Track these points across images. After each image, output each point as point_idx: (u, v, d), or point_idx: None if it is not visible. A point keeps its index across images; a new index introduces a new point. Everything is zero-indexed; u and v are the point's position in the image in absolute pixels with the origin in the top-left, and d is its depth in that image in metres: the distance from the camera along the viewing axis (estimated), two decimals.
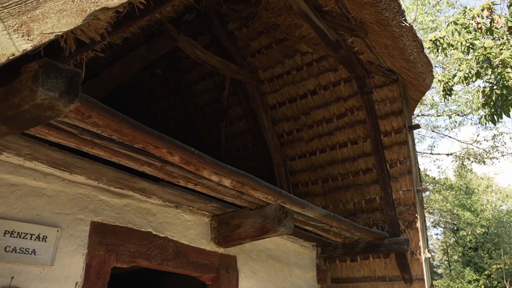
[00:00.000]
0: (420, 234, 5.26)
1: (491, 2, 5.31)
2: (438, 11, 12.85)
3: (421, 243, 5.24)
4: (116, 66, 3.98)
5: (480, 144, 14.56)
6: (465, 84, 6.07)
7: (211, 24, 6.15)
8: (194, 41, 5.35)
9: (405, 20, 3.84)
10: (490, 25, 5.31)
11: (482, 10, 5.33)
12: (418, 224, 5.37)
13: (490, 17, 5.33)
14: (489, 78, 5.68)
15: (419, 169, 5.59)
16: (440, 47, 6.47)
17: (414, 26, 4.09)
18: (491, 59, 5.22)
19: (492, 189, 19.66)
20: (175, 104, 7.51)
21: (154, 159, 2.77)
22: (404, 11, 3.82)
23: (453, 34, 6.38)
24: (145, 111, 7.90)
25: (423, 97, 6.62)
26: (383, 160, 5.53)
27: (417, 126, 5.35)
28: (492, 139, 14.21)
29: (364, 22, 4.13)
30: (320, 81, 5.91)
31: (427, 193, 16.51)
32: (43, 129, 2.20)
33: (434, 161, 30.27)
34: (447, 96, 6.66)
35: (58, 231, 2.81)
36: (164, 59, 7.13)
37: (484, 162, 14.38)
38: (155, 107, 7.79)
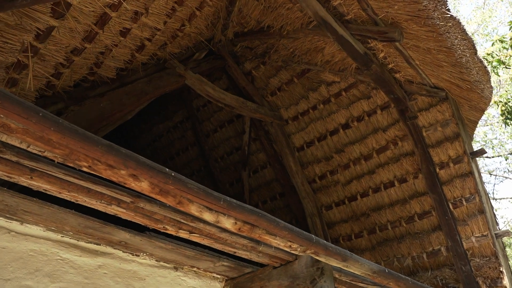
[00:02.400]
0: None
1: None
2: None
3: None
4: (104, 99, 3.42)
5: None
6: None
7: (225, 65, 5.67)
8: (204, 78, 4.80)
9: (449, 10, 3.05)
10: None
11: None
12: (506, 282, 4.00)
13: None
14: None
15: (492, 206, 4.36)
16: (490, 65, 5.53)
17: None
18: None
19: None
20: (195, 156, 6.87)
21: (121, 192, 1.96)
22: (447, 0, 3.04)
23: (500, 51, 5.48)
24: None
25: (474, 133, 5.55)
26: (444, 199, 4.38)
27: (482, 152, 4.24)
28: None
29: (397, 22, 3.38)
30: (351, 112, 5.07)
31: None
32: None
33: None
34: (508, 121, 5.55)
35: None
36: (181, 110, 6.68)
37: None
38: (174, 162, 7.17)
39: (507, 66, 5.79)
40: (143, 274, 2.74)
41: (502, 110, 5.58)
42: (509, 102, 5.54)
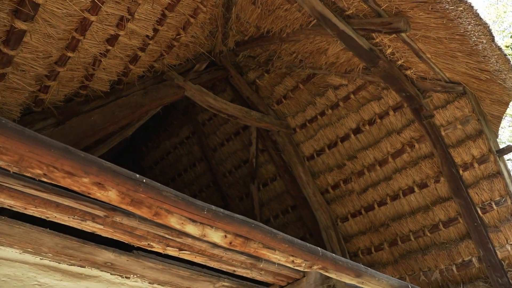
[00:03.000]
0: None
1: None
2: None
3: None
4: (95, 112, 3.25)
5: None
6: None
7: (228, 75, 5.49)
8: (205, 89, 4.62)
9: None
10: None
11: None
12: None
13: None
14: None
15: None
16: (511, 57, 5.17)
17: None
18: None
19: None
20: (203, 172, 6.64)
21: (92, 205, 1.73)
22: None
23: None
24: (173, 186, 7.09)
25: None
26: (471, 204, 3.97)
27: (510, 149, 3.85)
28: None
29: (402, 11, 3.12)
30: (362, 116, 4.77)
31: None
32: None
33: None
34: None
35: None
36: (187, 124, 6.51)
37: None
38: (183, 178, 6.97)
39: None
40: None
41: None
42: None
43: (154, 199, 1.58)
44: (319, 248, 2.16)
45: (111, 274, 2.41)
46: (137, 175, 1.55)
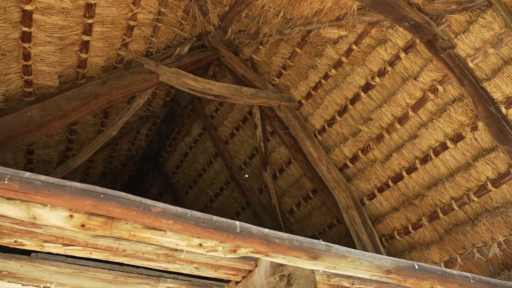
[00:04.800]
0: None
1: None
2: None
3: None
4: (35, 107, 2.93)
5: None
6: None
7: (219, 56, 4.96)
8: (182, 70, 4.14)
9: None
10: None
11: None
12: None
13: None
14: None
15: None
16: None
17: None
18: None
19: None
20: (220, 168, 6.17)
21: None
22: None
23: None
24: (196, 189, 6.72)
25: None
26: None
27: None
28: None
29: None
30: (370, 68, 3.92)
31: None
32: None
33: None
34: None
35: None
36: (197, 120, 6.11)
37: None
38: (204, 179, 6.56)
39: None
40: None
41: None
42: None
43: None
44: (236, 222, 1.50)
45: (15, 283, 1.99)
46: None
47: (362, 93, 4.00)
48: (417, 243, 3.90)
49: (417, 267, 1.88)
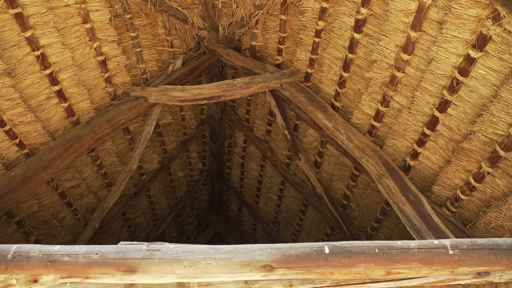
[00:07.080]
0: None
1: None
2: None
3: None
4: (17, 167, 3.06)
5: None
6: None
7: (218, 56, 4.69)
8: (172, 85, 3.98)
9: None
10: None
11: None
12: None
13: None
14: None
15: None
16: None
17: None
18: None
19: None
20: (272, 169, 5.77)
21: None
22: None
23: None
24: (264, 198, 6.43)
25: None
26: None
27: None
28: None
29: None
30: (353, 1, 3.11)
31: None
32: None
33: None
34: None
35: None
36: (238, 129, 5.88)
37: None
38: (265, 186, 6.23)
39: None
40: None
41: None
42: None
43: None
44: (13, 246, 1.17)
45: None
46: None
47: (355, 34, 3.19)
48: (491, 198, 2.81)
49: (327, 251, 1.22)
